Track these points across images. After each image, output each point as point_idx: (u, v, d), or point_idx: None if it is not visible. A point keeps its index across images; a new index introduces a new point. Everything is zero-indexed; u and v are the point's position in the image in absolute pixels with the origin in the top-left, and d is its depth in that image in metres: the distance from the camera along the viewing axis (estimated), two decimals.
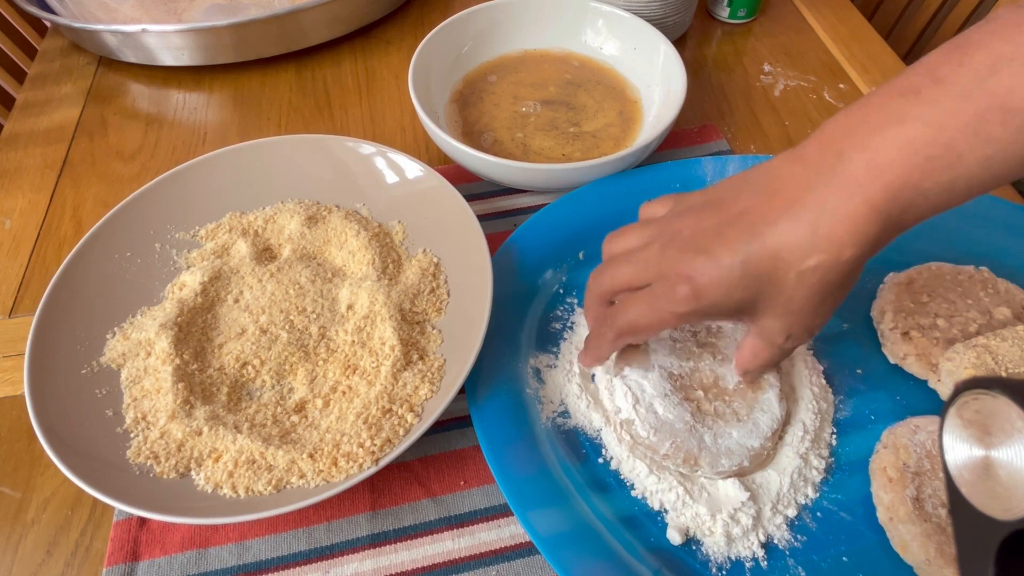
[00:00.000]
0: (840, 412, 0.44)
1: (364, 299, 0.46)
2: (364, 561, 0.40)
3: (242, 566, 0.40)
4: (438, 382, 0.43)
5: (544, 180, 0.54)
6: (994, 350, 0.41)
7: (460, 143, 0.52)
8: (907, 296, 0.46)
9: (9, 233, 0.58)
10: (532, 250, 0.50)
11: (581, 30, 0.67)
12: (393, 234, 0.52)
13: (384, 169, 0.54)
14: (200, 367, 0.44)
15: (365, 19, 0.74)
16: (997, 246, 0.50)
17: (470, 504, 0.42)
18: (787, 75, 0.69)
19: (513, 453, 0.41)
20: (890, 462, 0.39)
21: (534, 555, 0.40)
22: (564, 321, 0.48)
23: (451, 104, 0.63)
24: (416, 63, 0.59)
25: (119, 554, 0.40)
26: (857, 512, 0.40)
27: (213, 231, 0.52)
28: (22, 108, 0.69)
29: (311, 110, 0.68)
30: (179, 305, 0.46)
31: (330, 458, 0.39)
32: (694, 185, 0.55)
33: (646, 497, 0.40)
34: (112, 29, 0.67)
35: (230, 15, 0.67)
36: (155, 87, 0.71)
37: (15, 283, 0.55)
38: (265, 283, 0.48)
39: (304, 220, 0.52)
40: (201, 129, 0.67)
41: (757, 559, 0.38)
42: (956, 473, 0.28)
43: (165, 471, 0.40)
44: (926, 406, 0.43)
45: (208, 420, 0.41)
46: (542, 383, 0.45)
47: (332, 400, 0.43)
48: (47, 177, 0.63)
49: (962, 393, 0.28)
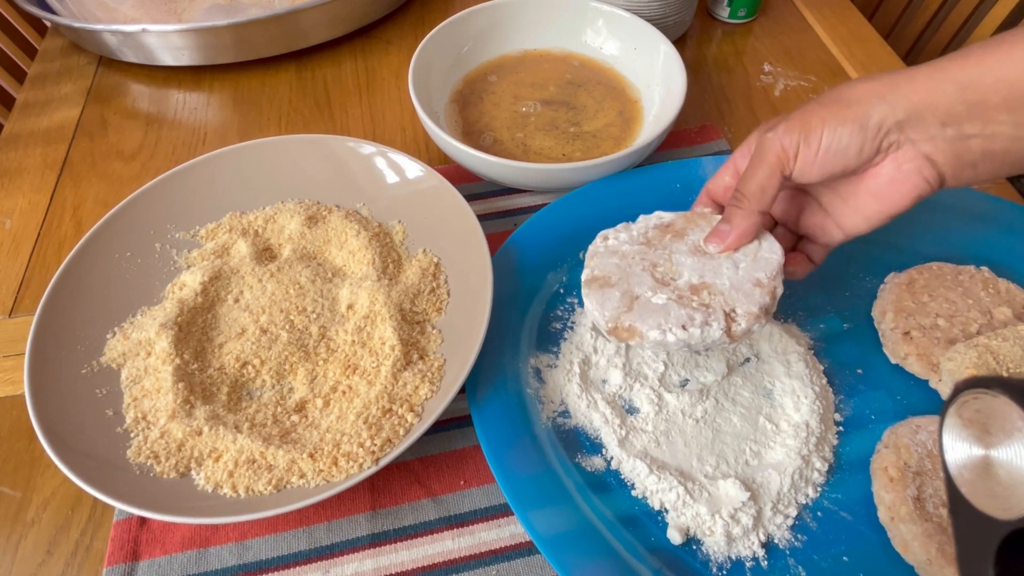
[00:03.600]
0: (841, 412, 0.44)
1: (364, 299, 0.46)
2: (364, 561, 0.40)
3: (242, 566, 0.40)
4: (438, 382, 0.43)
5: (544, 180, 0.54)
6: (995, 350, 0.41)
7: (460, 143, 0.52)
8: (908, 296, 0.46)
9: (9, 233, 0.58)
10: (532, 250, 0.50)
11: (581, 30, 0.67)
12: (393, 234, 0.52)
13: (384, 169, 0.54)
14: (200, 367, 0.44)
15: (365, 19, 0.74)
16: (997, 246, 0.50)
17: (470, 504, 0.42)
18: (787, 75, 0.69)
19: (513, 453, 0.41)
20: (891, 462, 0.39)
21: (534, 555, 0.40)
22: (564, 321, 0.48)
23: (451, 104, 0.63)
24: (416, 63, 0.59)
25: (119, 554, 0.40)
26: (858, 512, 0.40)
27: (213, 231, 0.52)
28: (22, 108, 0.69)
29: (311, 110, 0.68)
30: (179, 305, 0.46)
31: (330, 458, 0.39)
32: (694, 185, 0.54)
33: (646, 497, 0.40)
34: (112, 29, 0.67)
35: (230, 15, 0.67)
36: (155, 87, 0.71)
37: (15, 283, 0.55)
38: (265, 283, 0.48)
39: (304, 220, 0.52)
40: (201, 129, 0.67)
41: (757, 559, 0.38)
42: (956, 472, 0.28)
43: (165, 471, 0.40)
44: (927, 406, 0.43)
45: (208, 420, 0.41)
46: (542, 383, 0.45)
47: (332, 400, 0.43)
48: (47, 177, 0.63)
49: (962, 392, 0.28)
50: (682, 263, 0.40)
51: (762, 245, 0.40)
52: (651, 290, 0.39)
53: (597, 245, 0.43)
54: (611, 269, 0.41)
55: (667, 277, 0.40)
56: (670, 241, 0.42)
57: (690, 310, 0.38)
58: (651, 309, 0.38)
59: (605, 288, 0.40)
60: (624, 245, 0.42)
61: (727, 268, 0.39)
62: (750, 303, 0.38)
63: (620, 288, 0.40)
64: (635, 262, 0.41)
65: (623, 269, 0.40)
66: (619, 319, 0.39)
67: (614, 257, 0.41)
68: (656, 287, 0.39)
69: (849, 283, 0.50)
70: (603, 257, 0.42)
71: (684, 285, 0.39)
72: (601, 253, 0.42)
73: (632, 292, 0.39)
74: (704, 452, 0.42)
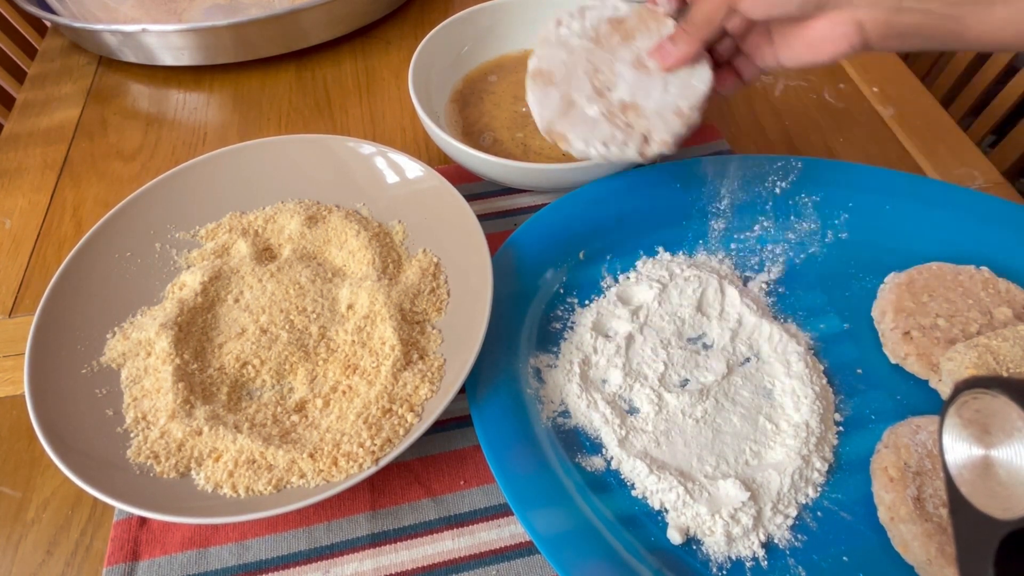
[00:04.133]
0: (841, 412, 0.44)
1: (364, 299, 0.46)
2: (364, 561, 0.40)
3: (242, 566, 0.40)
4: (438, 382, 0.43)
5: (544, 180, 0.54)
6: (995, 350, 0.41)
7: (460, 143, 0.52)
8: (908, 296, 0.46)
9: (9, 233, 0.58)
10: (532, 250, 0.50)
11: None
12: (393, 234, 0.52)
13: (384, 169, 0.54)
14: (200, 367, 0.44)
15: (365, 19, 0.74)
16: (997, 246, 0.50)
17: (470, 504, 0.42)
18: (787, 75, 0.69)
19: (513, 453, 0.41)
20: (891, 462, 0.39)
21: (534, 555, 0.40)
22: (564, 321, 0.48)
23: (451, 104, 0.63)
24: (416, 63, 0.59)
25: (119, 554, 0.40)
26: (858, 512, 0.40)
27: (213, 231, 0.52)
28: (22, 108, 0.69)
29: (311, 110, 0.68)
30: (179, 305, 0.46)
31: (330, 458, 0.39)
32: (694, 185, 0.55)
33: (646, 497, 0.40)
34: (112, 29, 0.67)
35: (230, 15, 0.67)
36: (155, 87, 0.71)
37: (15, 283, 0.55)
38: (265, 283, 0.48)
39: (304, 220, 0.52)
40: (201, 129, 0.67)
41: (757, 559, 0.38)
42: (956, 472, 0.28)
43: (165, 471, 0.40)
44: (927, 406, 0.43)
45: (208, 420, 0.41)
46: (542, 383, 0.45)
47: (332, 400, 0.43)
48: (47, 177, 0.63)
49: (962, 392, 0.28)
50: (621, 75, 0.44)
51: (695, 71, 0.44)
52: (587, 99, 0.44)
53: (550, 31, 0.46)
54: (557, 65, 0.45)
55: (604, 87, 0.44)
56: (617, 44, 0.45)
57: (614, 129, 0.43)
58: (582, 120, 0.44)
59: (548, 87, 0.45)
60: (574, 38, 0.46)
61: (658, 88, 0.44)
62: (666, 131, 0.43)
63: (560, 89, 0.44)
64: (580, 62, 0.45)
65: (568, 68, 0.45)
66: (554, 123, 0.44)
67: (562, 51, 0.45)
68: (592, 96, 0.44)
69: (849, 283, 0.50)
70: (553, 48, 0.46)
71: (616, 101, 0.44)
72: (551, 43, 0.46)
73: (570, 96, 0.44)
74: (704, 452, 0.42)
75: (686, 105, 0.43)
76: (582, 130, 0.43)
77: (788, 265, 0.51)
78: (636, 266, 0.51)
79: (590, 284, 0.50)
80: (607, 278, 0.51)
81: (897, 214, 0.52)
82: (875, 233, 0.52)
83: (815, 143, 0.63)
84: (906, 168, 0.59)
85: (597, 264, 0.51)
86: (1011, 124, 0.77)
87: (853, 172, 0.54)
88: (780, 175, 0.55)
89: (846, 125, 0.64)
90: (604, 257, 0.52)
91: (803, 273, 0.51)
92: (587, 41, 0.45)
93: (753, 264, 0.52)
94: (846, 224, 0.53)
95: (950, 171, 0.60)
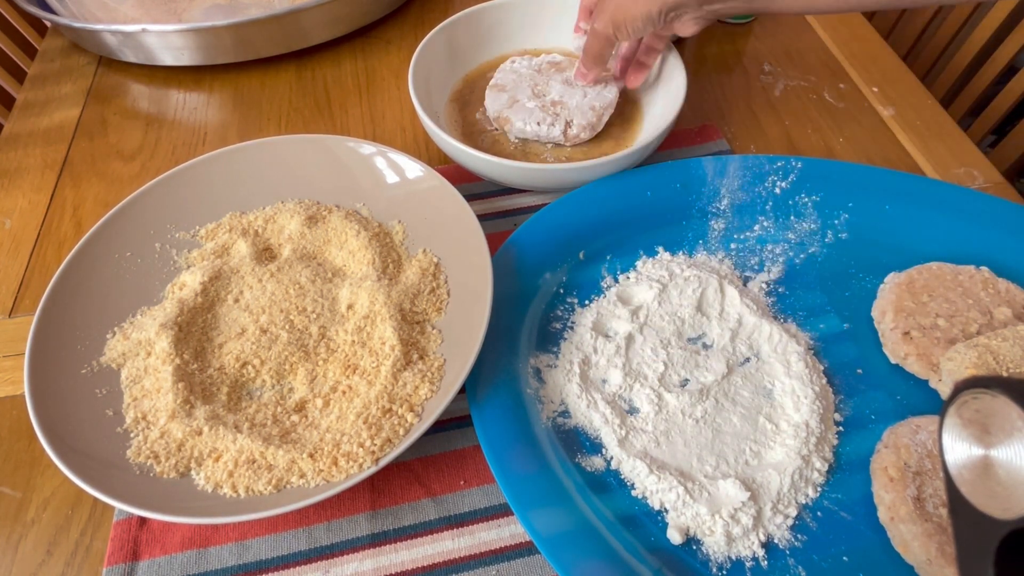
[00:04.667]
0: (841, 412, 0.44)
1: (364, 299, 0.46)
2: (364, 561, 0.40)
3: (242, 566, 0.40)
4: (438, 382, 0.43)
5: (544, 180, 0.54)
6: (995, 350, 0.41)
7: (460, 143, 0.52)
8: (908, 296, 0.46)
9: (9, 233, 0.58)
10: (532, 250, 0.50)
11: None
12: (393, 234, 0.52)
13: (384, 169, 0.54)
14: (200, 367, 0.44)
15: (365, 19, 0.74)
16: (997, 246, 0.50)
17: (470, 504, 0.42)
18: (787, 75, 0.69)
19: (513, 453, 0.41)
20: (891, 462, 0.39)
21: (534, 555, 0.40)
22: (564, 321, 0.48)
23: (451, 104, 0.63)
24: (416, 63, 0.59)
25: (119, 554, 0.40)
26: (858, 512, 0.40)
27: (213, 231, 0.52)
28: (22, 108, 0.69)
29: (311, 110, 0.68)
30: (179, 305, 0.46)
31: (330, 458, 0.39)
32: (694, 185, 0.55)
33: (646, 497, 0.40)
34: (112, 29, 0.67)
35: (230, 15, 0.67)
36: (155, 87, 0.71)
37: (15, 283, 0.55)
38: (265, 283, 0.48)
39: (304, 220, 0.52)
40: (201, 129, 0.67)
41: (757, 559, 0.38)
42: (956, 472, 0.28)
43: (165, 471, 0.40)
44: (927, 406, 0.43)
45: (208, 420, 0.41)
46: (542, 383, 0.45)
47: (332, 400, 0.43)
48: (47, 177, 0.63)
49: (962, 392, 0.28)
50: (553, 87, 0.59)
51: (607, 87, 0.59)
52: (527, 98, 0.59)
53: (505, 65, 0.62)
54: (508, 81, 0.60)
55: (541, 92, 0.59)
56: (554, 73, 0.61)
57: (545, 114, 0.57)
58: (522, 109, 0.58)
59: (500, 92, 0.60)
60: (523, 68, 0.61)
61: (579, 95, 0.58)
62: (583, 119, 0.57)
63: (508, 93, 0.59)
64: (525, 79, 0.60)
65: (515, 82, 0.60)
66: (501, 111, 0.59)
67: (513, 75, 0.61)
68: (531, 96, 0.59)
69: (849, 283, 0.50)
70: (507, 73, 0.61)
71: (548, 100, 0.59)
72: (506, 71, 0.61)
73: (515, 96, 0.59)
74: (704, 452, 0.42)
75: (599, 105, 0.58)
76: (522, 115, 0.58)
77: (788, 265, 0.51)
78: (636, 266, 0.51)
79: (590, 284, 0.50)
80: (607, 278, 0.51)
81: (897, 214, 0.52)
82: (875, 233, 0.52)
83: (815, 143, 0.63)
84: (906, 168, 0.59)
85: (597, 264, 0.52)
86: (1011, 124, 0.77)
87: (853, 172, 0.54)
88: (780, 175, 0.55)
89: (846, 125, 0.64)
90: (604, 257, 0.52)
91: (803, 273, 0.51)
92: (532, 71, 0.61)
93: (753, 264, 0.52)
94: (846, 224, 0.53)
95: (950, 171, 0.60)
